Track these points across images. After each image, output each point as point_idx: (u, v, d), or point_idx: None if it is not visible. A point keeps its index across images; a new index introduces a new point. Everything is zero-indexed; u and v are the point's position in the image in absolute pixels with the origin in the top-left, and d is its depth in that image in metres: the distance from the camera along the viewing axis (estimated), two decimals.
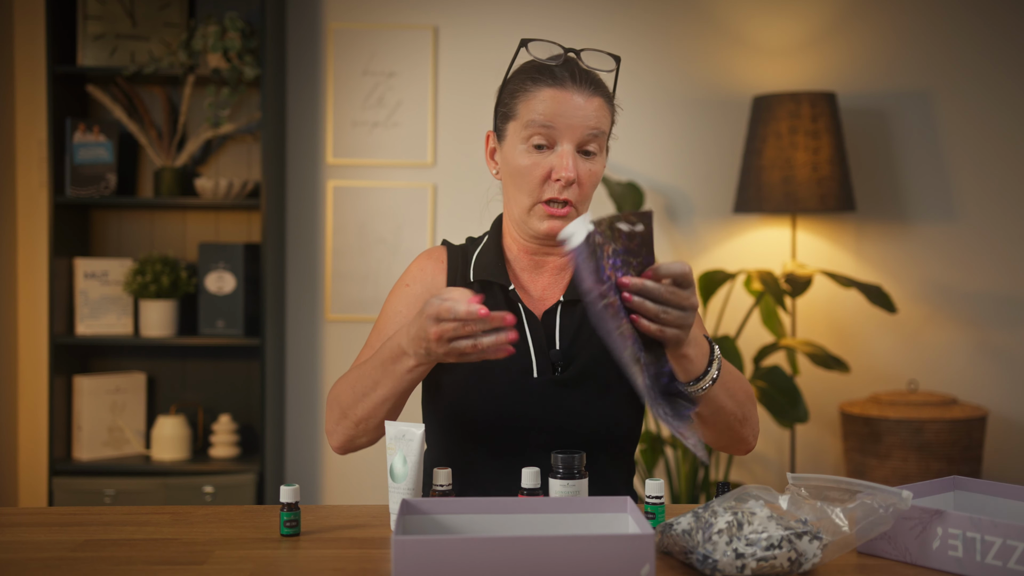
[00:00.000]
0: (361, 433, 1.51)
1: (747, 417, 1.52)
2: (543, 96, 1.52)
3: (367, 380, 1.47)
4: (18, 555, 1.29)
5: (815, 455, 3.61)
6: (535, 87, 1.53)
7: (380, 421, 1.49)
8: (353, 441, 1.53)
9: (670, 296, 1.27)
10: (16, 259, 3.53)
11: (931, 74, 3.57)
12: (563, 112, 1.51)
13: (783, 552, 1.18)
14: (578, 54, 1.56)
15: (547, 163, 1.52)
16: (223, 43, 3.27)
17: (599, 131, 1.53)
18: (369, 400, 1.47)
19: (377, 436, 1.52)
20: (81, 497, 3.21)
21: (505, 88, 1.59)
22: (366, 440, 1.53)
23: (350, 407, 1.49)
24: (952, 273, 3.57)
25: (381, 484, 3.49)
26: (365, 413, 1.48)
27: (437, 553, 1.08)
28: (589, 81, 1.54)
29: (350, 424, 1.50)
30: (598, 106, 1.53)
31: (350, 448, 1.54)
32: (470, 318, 1.28)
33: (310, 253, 3.56)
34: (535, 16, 3.55)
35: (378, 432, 1.51)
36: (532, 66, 1.56)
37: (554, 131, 1.51)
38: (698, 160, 3.58)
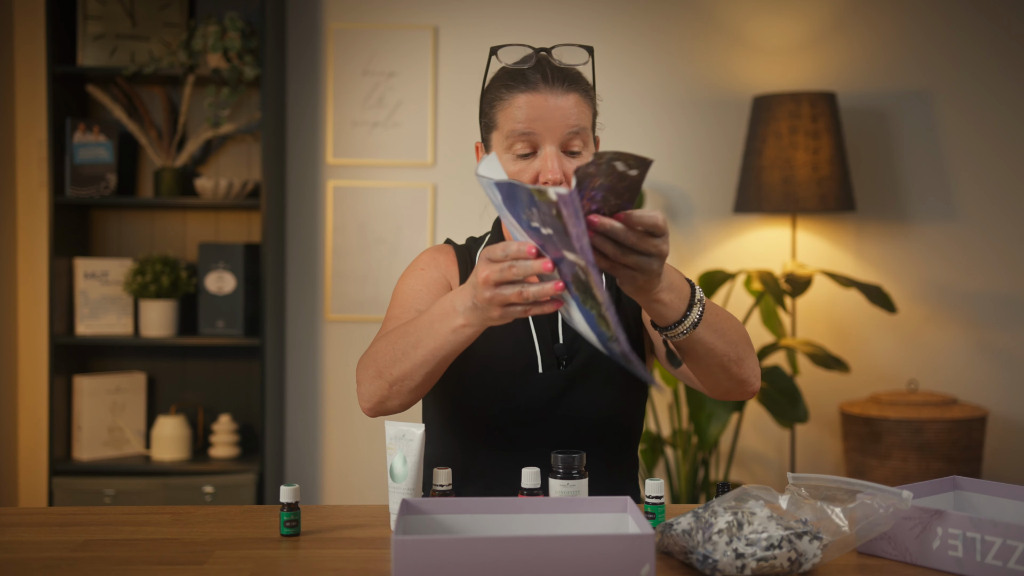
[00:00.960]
0: (394, 395, 1.45)
1: (742, 357, 1.48)
2: (518, 103, 1.51)
3: (409, 339, 1.41)
4: (18, 555, 1.29)
5: (815, 455, 3.61)
6: (509, 94, 1.52)
7: (416, 384, 1.43)
8: (384, 403, 1.47)
9: (636, 241, 1.23)
10: (16, 259, 3.53)
11: (931, 74, 3.57)
12: (540, 116, 1.50)
13: (783, 552, 1.18)
14: (549, 52, 1.54)
15: (532, 169, 1.51)
16: (223, 43, 3.27)
17: (579, 127, 1.52)
18: (408, 360, 1.41)
19: (409, 401, 1.46)
20: (81, 497, 3.21)
21: (483, 98, 1.58)
22: (397, 403, 1.46)
23: (387, 366, 1.43)
24: (952, 273, 3.57)
25: (381, 484, 3.49)
26: (402, 373, 1.42)
27: (437, 553, 1.08)
28: (563, 78, 1.52)
29: (384, 384, 1.44)
30: (575, 102, 1.52)
31: (380, 410, 1.48)
32: (520, 255, 1.22)
33: (310, 253, 3.56)
34: (535, 16, 3.55)
35: (412, 396, 1.45)
36: (505, 73, 1.55)
37: (535, 136, 1.50)
38: (698, 160, 3.58)
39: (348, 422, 3.56)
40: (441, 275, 1.61)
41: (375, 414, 1.50)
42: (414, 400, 1.47)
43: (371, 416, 1.51)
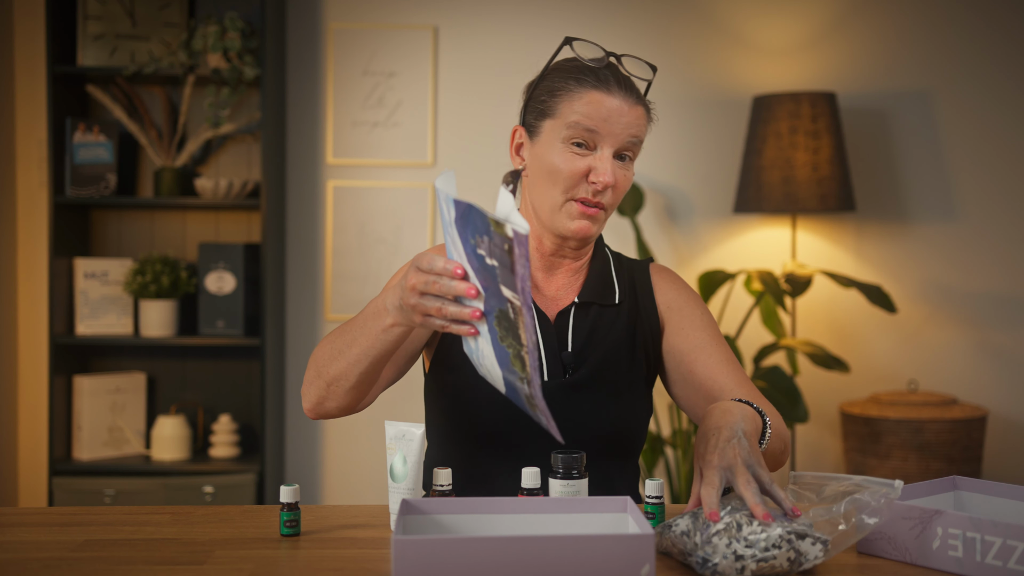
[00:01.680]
0: (331, 395, 1.46)
1: (786, 445, 1.53)
2: (588, 98, 1.50)
3: (345, 337, 1.43)
4: (18, 555, 1.29)
5: (815, 455, 3.61)
6: (579, 88, 1.51)
7: (351, 385, 1.44)
8: (323, 403, 1.48)
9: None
10: (16, 259, 3.53)
11: (931, 74, 3.57)
12: (607, 117, 1.50)
13: (783, 552, 1.18)
14: (619, 59, 1.54)
15: (585, 163, 1.51)
16: (223, 43, 3.27)
17: (638, 139, 1.53)
18: (343, 358, 1.42)
19: (347, 403, 1.48)
20: (81, 497, 3.21)
21: (542, 84, 1.56)
22: (335, 405, 1.47)
23: (324, 365, 1.45)
24: (952, 273, 3.57)
25: (381, 484, 3.49)
26: (337, 373, 1.44)
27: (437, 553, 1.08)
28: (631, 88, 1.53)
29: (322, 384, 1.46)
30: (639, 115, 1.53)
31: (320, 412, 1.49)
32: (445, 273, 1.23)
33: (310, 253, 3.56)
34: (535, 16, 3.55)
35: (348, 399, 1.46)
36: (573, 66, 1.54)
37: (596, 135, 1.50)
38: (698, 160, 3.58)
39: (348, 422, 3.56)
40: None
41: (316, 416, 1.51)
42: (352, 403, 1.48)
43: (313, 418, 1.52)
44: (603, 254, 1.66)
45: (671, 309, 1.63)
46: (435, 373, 1.61)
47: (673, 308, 1.63)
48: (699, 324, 1.61)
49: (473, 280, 1.22)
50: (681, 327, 1.61)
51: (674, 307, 1.63)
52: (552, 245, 1.59)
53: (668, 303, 1.63)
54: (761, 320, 3.42)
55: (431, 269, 1.24)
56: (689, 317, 1.62)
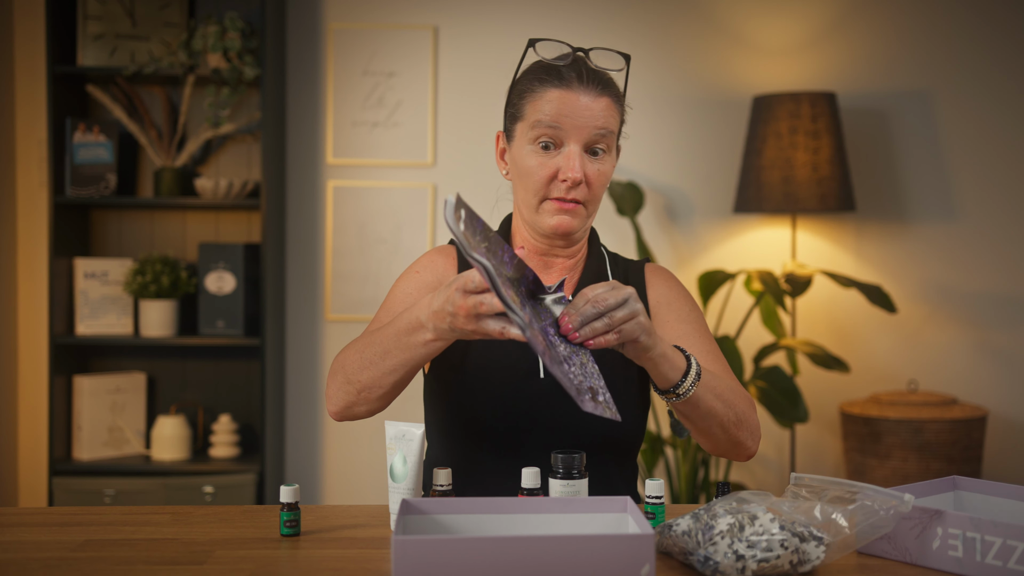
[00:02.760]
0: (362, 401, 1.47)
1: (741, 420, 1.51)
2: (549, 96, 1.52)
3: (377, 348, 1.43)
4: (18, 555, 1.29)
5: (815, 455, 3.61)
6: (541, 87, 1.53)
7: (384, 392, 1.45)
8: (351, 408, 1.49)
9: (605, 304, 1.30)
10: (16, 259, 3.53)
11: (931, 74, 3.57)
12: (569, 113, 1.50)
13: (785, 553, 1.18)
14: (586, 53, 1.55)
15: (553, 163, 1.52)
16: (223, 43, 3.27)
17: (607, 131, 1.52)
18: (376, 369, 1.43)
19: (377, 407, 1.49)
20: (81, 497, 3.21)
21: (513, 89, 1.59)
22: (365, 410, 1.49)
23: (355, 373, 1.46)
24: (952, 273, 3.57)
25: (381, 484, 3.49)
26: (369, 381, 1.44)
27: (437, 553, 1.08)
28: (597, 81, 1.53)
29: (352, 391, 1.46)
30: (605, 106, 1.52)
31: (347, 415, 1.50)
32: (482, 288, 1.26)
33: (310, 253, 3.56)
34: (535, 16, 3.55)
35: (379, 403, 1.48)
36: (539, 66, 1.56)
37: (560, 131, 1.51)
38: (698, 160, 3.58)
39: (348, 422, 3.56)
40: (436, 279, 1.61)
41: (341, 419, 1.52)
42: (382, 407, 1.49)
43: (337, 420, 1.53)
44: (599, 253, 1.66)
45: (660, 304, 1.64)
46: (435, 374, 1.61)
47: (662, 303, 1.64)
48: (685, 317, 1.62)
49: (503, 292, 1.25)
50: (667, 320, 1.62)
51: (663, 301, 1.64)
52: (541, 244, 1.60)
53: (658, 298, 1.64)
54: (761, 320, 3.42)
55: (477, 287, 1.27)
56: (676, 311, 1.63)
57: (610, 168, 1.55)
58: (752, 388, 3.18)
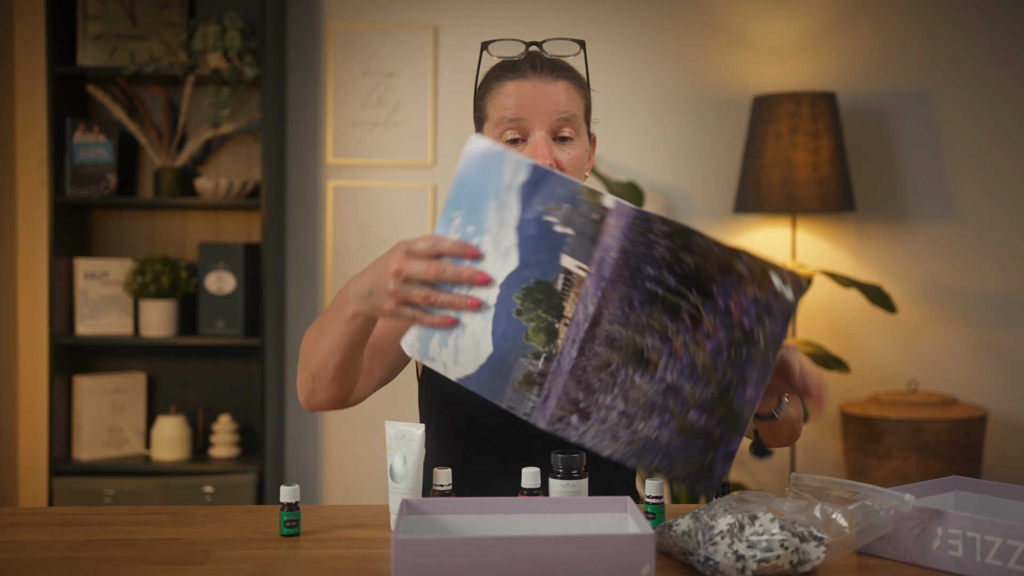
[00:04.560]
0: (317, 388, 1.44)
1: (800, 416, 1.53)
2: (507, 90, 1.51)
3: (320, 328, 1.41)
4: (18, 555, 1.29)
5: (815, 455, 3.61)
6: (498, 84, 1.53)
7: (332, 376, 1.42)
8: (313, 395, 1.46)
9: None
10: (16, 259, 3.53)
11: (931, 74, 3.57)
12: (528, 102, 1.49)
13: (785, 553, 1.18)
14: (540, 45, 1.55)
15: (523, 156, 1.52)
16: (223, 43, 3.27)
17: (569, 114, 1.51)
18: (319, 350, 1.41)
19: (335, 394, 1.45)
20: (81, 497, 3.21)
21: (475, 95, 1.59)
22: (323, 397, 1.45)
23: (307, 358, 1.44)
24: (952, 273, 3.57)
25: (381, 484, 3.49)
26: (317, 365, 1.42)
27: (437, 553, 1.08)
28: (551, 67, 1.53)
29: (308, 376, 1.45)
30: (564, 88, 1.51)
31: (313, 403, 1.47)
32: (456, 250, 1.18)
33: (310, 253, 3.56)
34: (534, 16, 3.55)
35: (334, 390, 1.44)
36: (495, 66, 1.56)
37: (524, 122, 1.49)
38: (698, 160, 3.58)
39: (348, 422, 3.56)
40: None
41: (310, 408, 1.49)
42: (339, 394, 1.45)
43: (309, 410, 1.50)
44: None
45: None
46: (429, 377, 1.61)
47: None
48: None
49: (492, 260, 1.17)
50: None
51: None
52: None
53: None
54: None
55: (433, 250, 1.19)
56: None
57: (582, 153, 1.53)
58: None
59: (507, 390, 1.20)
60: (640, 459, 1.15)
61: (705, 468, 1.15)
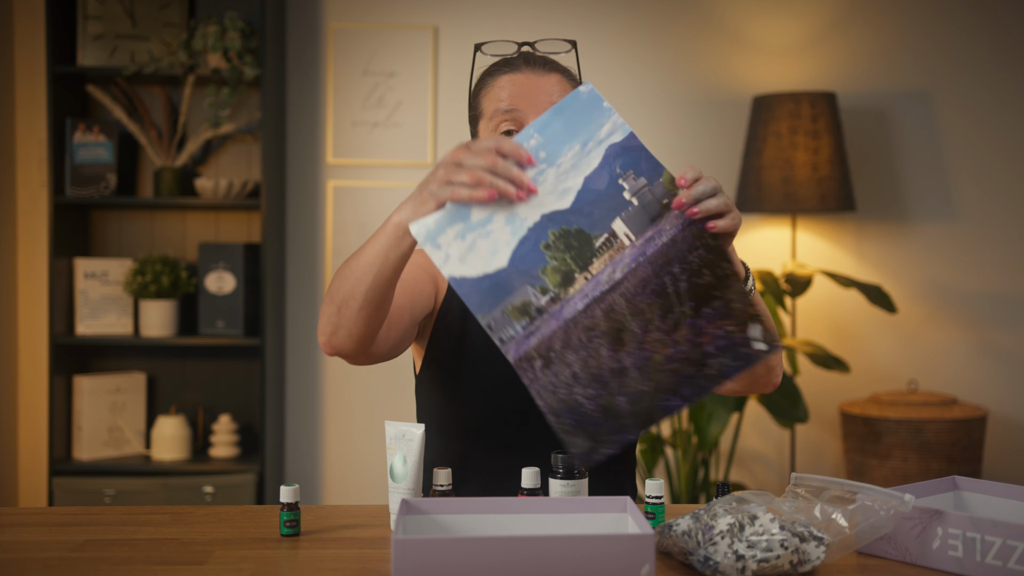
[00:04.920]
0: (342, 321, 1.36)
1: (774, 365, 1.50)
2: (500, 83, 1.55)
3: (355, 257, 1.36)
4: (18, 555, 1.29)
5: (815, 455, 3.61)
6: (492, 79, 1.56)
7: (361, 304, 1.34)
8: (336, 333, 1.39)
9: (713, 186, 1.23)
10: (16, 259, 3.53)
11: (931, 74, 3.57)
12: (522, 94, 1.52)
13: (785, 553, 1.18)
14: (532, 45, 1.58)
15: None
16: (223, 43, 3.27)
17: None
18: (351, 276, 1.35)
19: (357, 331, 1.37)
20: (81, 497, 3.21)
21: (470, 95, 1.62)
22: (345, 334, 1.38)
23: (336, 289, 1.38)
24: (952, 273, 3.57)
25: (381, 484, 3.49)
26: (346, 293, 1.35)
27: (437, 553, 1.08)
28: (543, 62, 1.56)
29: (333, 309, 1.38)
30: (556, 81, 1.55)
31: (334, 345, 1.40)
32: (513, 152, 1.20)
33: (310, 253, 3.56)
34: (534, 16, 3.55)
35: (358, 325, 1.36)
36: (489, 65, 1.60)
37: (518, 113, 1.52)
38: (698, 160, 3.58)
39: (348, 422, 3.56)
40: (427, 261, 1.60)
41: (331, 351, 1.41)
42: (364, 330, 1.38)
43: (328, 353, 1.41)
44: None
45: None
46: (426, 373, 1.61)
47: None
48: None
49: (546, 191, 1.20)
50: None
51: None
52: None
53: None
54: None
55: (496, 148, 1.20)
56: None
57: None
58: None
59: (496, 310, 1.20)
60: (558, 417, 1.17)
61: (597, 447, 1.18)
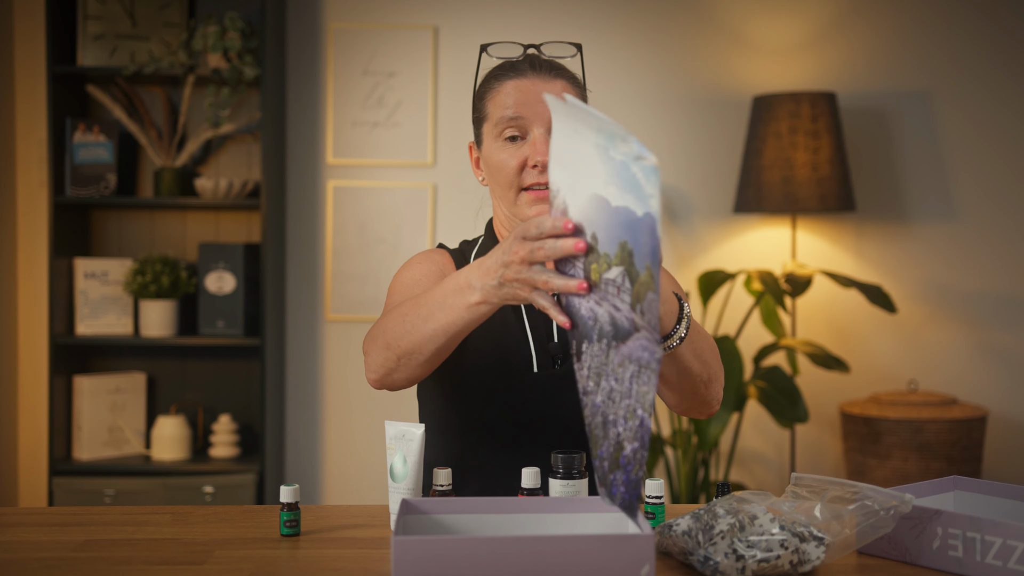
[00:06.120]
0: (402, 367, 1.42)
1: (712, 378, 1.48)
2: (506, 89, 1.55)
3: (420, 311, 1.38)
4: (18, 555, 1.29)
5: (815, 455, 3.61)
6: (498, 83, 1.56)
7: (424, 359, 1.40)
8: (391, 375, 1.44)
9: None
10: (16, 259, 3.53)
11: (931, 74, 3.57)
12: (526, 100, 1.53)
13: (785, 553, 1.18)
14: (538, 48, 1.59)
15: (521, 153, 1.53)
16: (223, 43, 3.27)
17: None
18: (418, 333, 1.38)
19: (416, 375, 1.45)
20: (81, 497, 3.21)
21: (475, 96, 1.62)
22: (404, 376, 1.44)
23: (396, 339, 1.41)
24: (952, 273, 3.57)
25: (381, 484, 3.49)
26: (411, 346, 1.40)
27: (437, 553, 1.08)
28: (549, 67, 1.56)
29: (392, 357, 1.42)
30: (561, 87, 1.55)
31: (387, 383, 1.46)
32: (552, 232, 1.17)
33: (310, 253, 3.56)
34: (534, 16, 3.55)
35: (420, 370, 1.43)
36: (495, 67, 1.60)
37: (523, 120, 1.53)
38: (698, 160, 3.58)
39: (348, 422, 3.56)
40: (439, 269, 1.61)
41: (380, 386, 1.48)
42: (421, 375, 1.45)
43: (376, 387, 1.49)
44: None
45: None
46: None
47: None
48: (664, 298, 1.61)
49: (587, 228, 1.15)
50: None
51: None
52: None
53: None
54: (761, 320, 3.42)
55: (540, 234, 1.19)
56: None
57: None
58: (752, 388, 3.18)
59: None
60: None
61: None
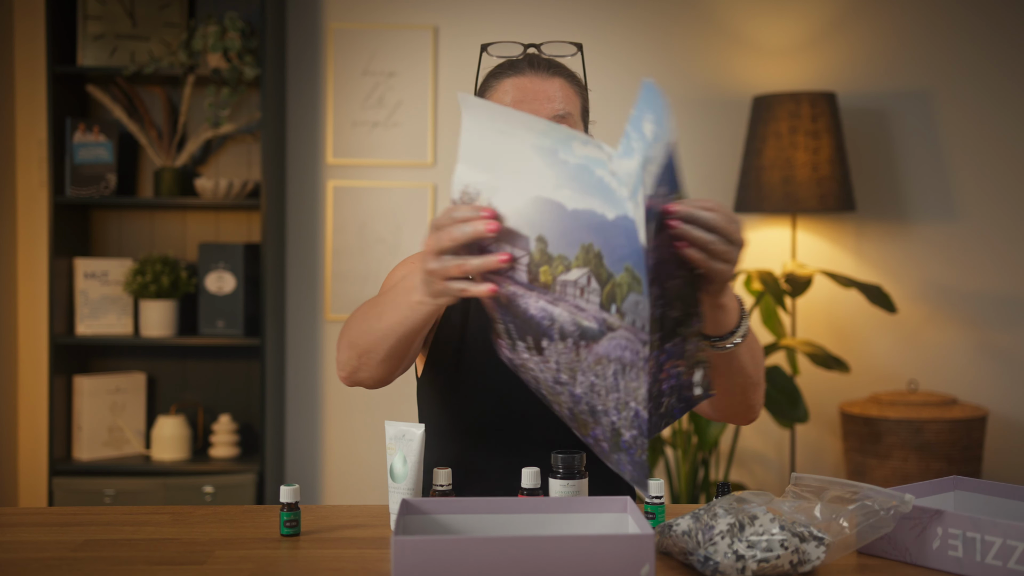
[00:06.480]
0: (363, 366, 1.44)
1: (760, 382, 1.47)
2: (504, 87, 1.53)
3: (376, 310, 1.41)
4: (18, 555, 1.29)
5: (815, 455, 3.61)
6: (497, 82, 1.55)
7: (381, 357, 1.41)
8: (356, 373, 1.46)
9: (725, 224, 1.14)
10: (16, 259, 3.53)
11: (931, 74, 3.57)
12: (525, 98, 1.52)
13: (785, 553, 1.18)
14: (538, 47, 1.58)
15: None
16: (223, 43, 3.27)
17: (565, 111, 1.52)
18: (373, 332, 1.40)
19: (380, 375, 1.45)
20: (81, 497, 3.21)
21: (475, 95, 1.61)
22: (367, 375, 1.45)
23: (357, 337, 1.43)
24: (952, 273, 3.57)
25: (381, 484, 3.49)
26: (368, 345, 1.41)
27: (437, 553, 1.08)
28: (547, 65, 1.55)
29: (354, 355, 1.44)
30: (559, 86, 1.53)
31: (355, 380, 1.48)
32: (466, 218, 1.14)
33: (310, 253, 3.56)
34: (535, 16, 3.55)
35: (381, 370, 1.43)
36: (495, 67, 1.59)
37: None
38: (698, 160, 3.58)
39: (348, 422, 3.56)
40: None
41: (351, 383, 1.49)
42: (385, 375, 1.45)
43: (348, 385, 1.50)
44: None
45: None
46: (427, 377, 1.62)
47: None
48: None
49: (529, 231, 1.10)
50: None
51: None
52: None
53: None
54: (761, 320, 3.42)
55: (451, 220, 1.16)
56: None
57: None
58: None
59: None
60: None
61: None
